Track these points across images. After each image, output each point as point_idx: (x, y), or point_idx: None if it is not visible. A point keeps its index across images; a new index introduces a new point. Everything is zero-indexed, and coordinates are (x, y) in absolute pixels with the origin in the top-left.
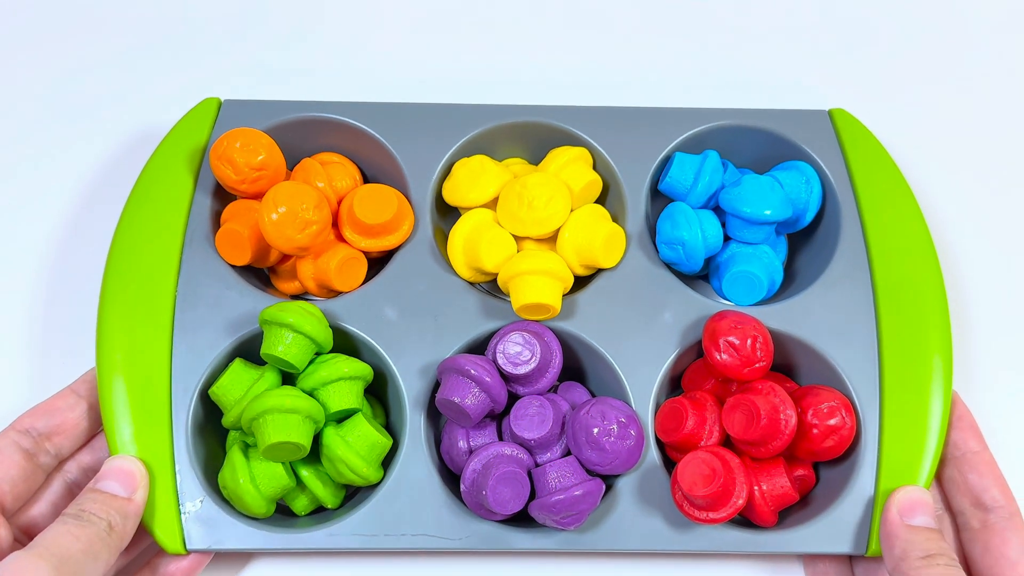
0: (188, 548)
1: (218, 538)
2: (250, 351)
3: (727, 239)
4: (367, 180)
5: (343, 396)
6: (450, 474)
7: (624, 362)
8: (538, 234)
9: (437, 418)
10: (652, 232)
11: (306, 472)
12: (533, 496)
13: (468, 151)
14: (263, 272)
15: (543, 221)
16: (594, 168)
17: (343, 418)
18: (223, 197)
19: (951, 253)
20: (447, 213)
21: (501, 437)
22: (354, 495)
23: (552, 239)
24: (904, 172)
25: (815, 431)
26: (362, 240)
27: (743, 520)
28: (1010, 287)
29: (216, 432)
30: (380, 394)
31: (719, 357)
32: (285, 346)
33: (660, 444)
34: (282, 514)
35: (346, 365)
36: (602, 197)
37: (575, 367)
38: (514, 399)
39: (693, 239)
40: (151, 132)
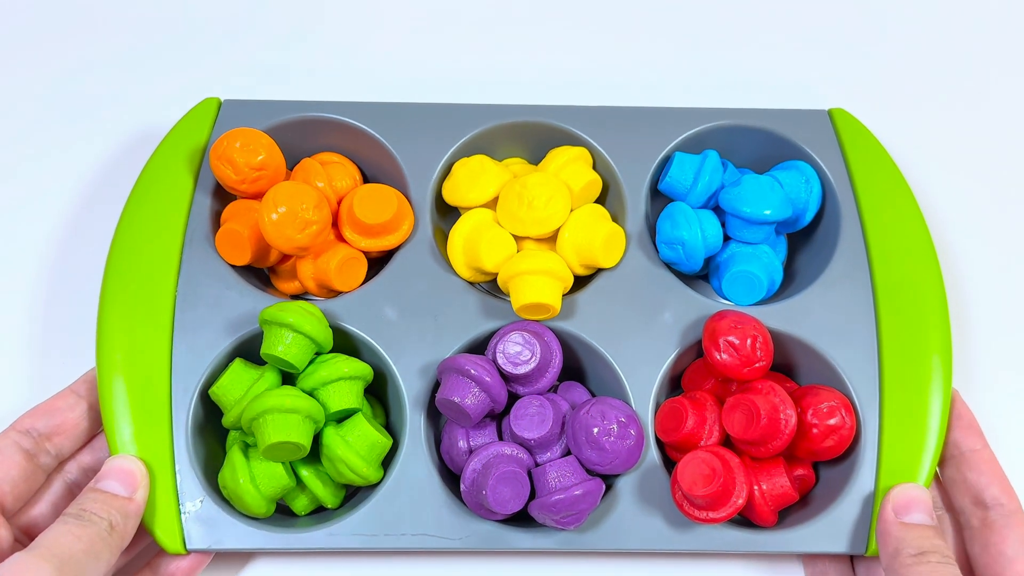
0: (188, 548)
1: (218, 538)
2: (250, 351)
3: (727, 239)
4: (367, 180)
5: (343, 396)
6: (450, 474)
7: (624, 362)
8: (538, 234)
9: (437, 418)
10: (652, 232)
11: (306, 472)
12: (533, 496)
13: (468, 151)
14: (263, 272)
15: (543, 221)
16: (594, 168)
17: (343, 418)
18: (223, 197)
19: (951, 253)
20: (447, 213)
21: (501, 437)
22: (354, 495)
23: (552, 239)
24: (904, 172)
25: (815, 431)
26: (362, 240)
27: (743, 520)
28: (1010, 286)
29: (216, 432)
30: (380, 394)
31: (719, 357)
32: (285, 346)
33: (660, 444)
34: (282, 514)
35: (346, 365)
36: (602, 197)
37: (575, 367)
38: (514, 399)
39: (693, 239)
40: (151, 132)
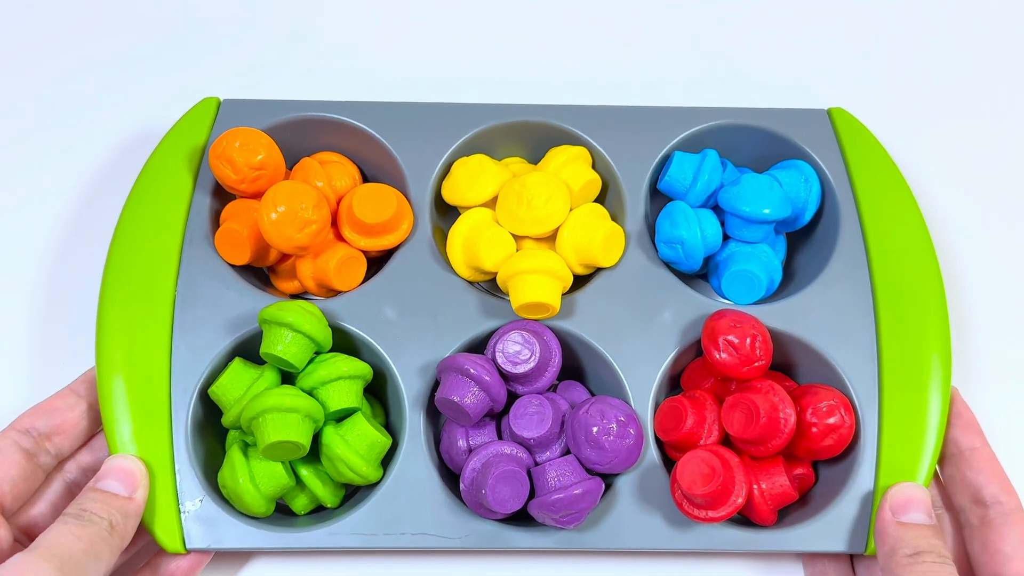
0: (188, 547)
1: (218, 537)
2: (250, 350)
3: (726, 238)
4: (366, 179)
5: (342, 395)
6: (449, 473)
7: (623, 361)
8: (537, 233)
9: (436, 417)
10: (651, 231)
11: (305, 471)
12: (532, 495)
13: (467, 150)
14: (262, 271)
15: (542, 220)
16: (593, 167)
17: (342, 417)
18: (222, 196)
19: (950, 252)
20: (446, 212)
21: (500, 436)
22: (353, 494)
23: (551, 238)
24: (903, 171)
25: (814, 430)
26: (361, 239)
27: (742, 519)
28: (1009, 286)
29: (216, 431)
30: (379, 393)
31: (718, 356)
32: (284, 345)
33: (659, 443)
34: (282, 513)
35: (345, 364)
36: (601, 196)
37: (574, 366)
38: (513, 398)
39: (692, 238)
40: (150, 131)
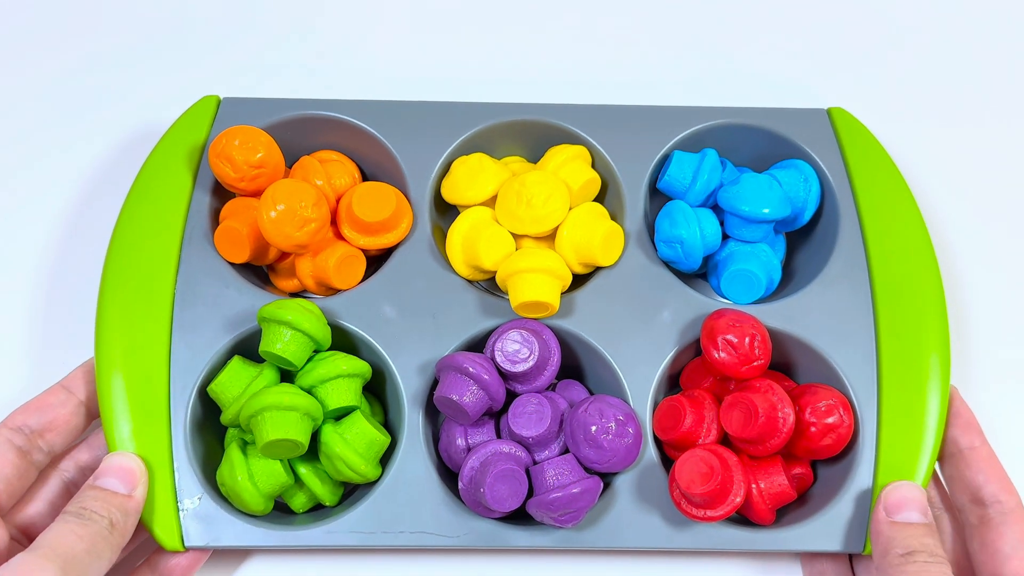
0: (186, 545)
1: (216, 535)
2: (249, 348)
3: (725, 237)
4: (366, 178)
5: (341, 393)
6: (448, 472)
7: (622, 360)
8: (536, 232)
9: (435, 416)
10: (651, 230)
11: (304, 469)
12: (531, 494)
13: (467, 149)
14: (262, 270)
15: (541, 219)
16: (593, 166)
17: (341, 415)
18: (222, 195)
19: (949, 252)
20: (446, 211)
21: (499, 435)
22: (352, 493)
23: (550, 237)
24: (902, 171)
25: (813, 429)
26: (361, 238)
27: (741, 518)
28: (1008, 285)
29: (215, 429)
30: (378, 392)
31: (717, 355)
32: (284, 343)
33: (658, 442)
34: (280, 511)
35: (344, 363)
36: (601, 195)
37: (573, 365)
38: (512, 397)
39: (691, 237)
40: (150, 130)
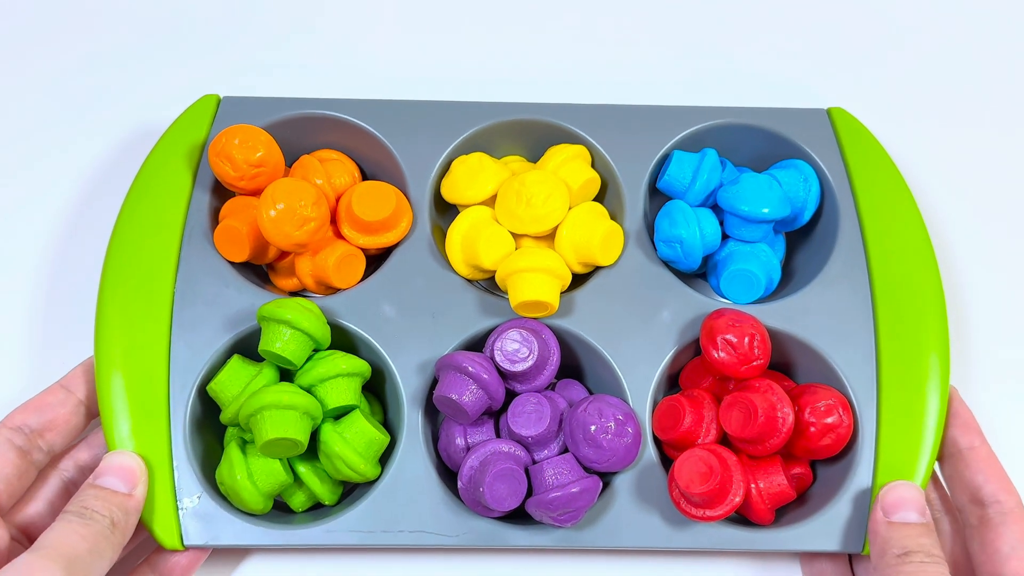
0: (185, 544)
1: (215, 534)
2: (248, 347)
3: (725, 237)
4: (366, 177)
5: (341, 392)
6: (447, 471)
7: (622, 360)
8: (536, 231)
9: (435, 415)
10: (650, 230)
11: (304, 468)
12: (530, 493)
13: (467, 148)
14: (261, 269)
15: (541, 219)
16: (592, 166)
17: (341, 414)
18: (222, 194)
19: (948, 252)
20: (445, 210)
21: (499, 434)
22: (351, 492)
23: (550, 236)
24: (902, 171)
25: (812, 429)
26: (360, 237)
27: (740, 518)
28: (1008, 285)
29: (214, 428)
30: (378, 391)
31: (717, 355)
32: (283, 342)
33: (657, 442)
34: (279, 510)
35: (344, 362)
36: (600, 195)
37: (573, 365)
38: (512, 396)
39: (691, 237)
40: (150, 129)
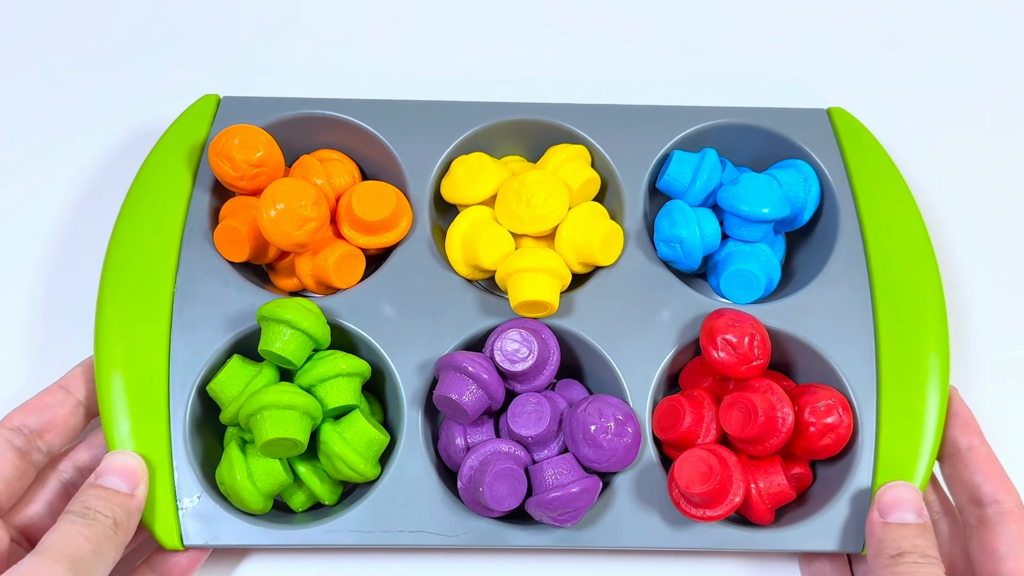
0: (186, 544)
1: (215, 534)
2: (248, 347)
3: (725, 237)
4: (366, 177)
5: (341, 392)
6: (447, 471)
7: (622, 360)
8: (536, 231)
9: (435, 415)
10: (650, 230)
11: (303, 468)
12: (530, 493)
13: (467, 148)
14: (261, 269)
15: (541, 218)
16: (592, 166)
17: (341, 414)
18: (222, 194)
19: (949, 252)
20: (445, 210)
21: (498, 434)
22: (351, 492)
23: (550, 236)
24: (902, 171)
25: (812, 429)
26: (360, 237)
27: (739, 518)
28: (1008, 285)
29: (214, 428)
30: (378, 391)
31: (716, 355)
32: (283, 342)
33: (657, 442)
34: (279, 510)
35: (344, 362)
36: (600, 195)
37: (573, 365)
38: (512, 396)
39: (691, 237)
40: (150, 129)
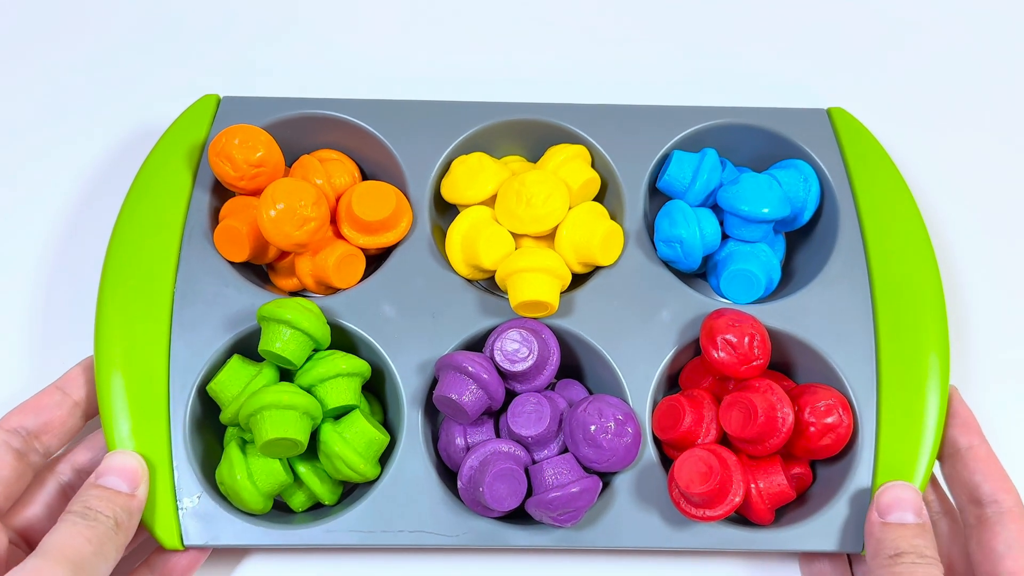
0: (186, 544)
1: (215, 534)
2: (248, 347)
3: (725, 237)
4: (366, 177)
5: (341, 392)
6: (447, 471)
7: (622, 360)
8: (536, 231)
9: (435, 415)
10: (650, 230)
11: (303, 468)
12: (530, 493)
13: (467, 148)
14: (261, 269)
15: (541, 218)
16: (592, 166)
17: (341, 414)
18: (222, 193)
19: (949, 252)
20: (445, 210)
21: (498, 434)
22: (351, 492)
23: (550, 236)
24: (902, 171)
25: (812, 429)
26: (360, 237)
27: (739, 518)
28: (1008, 285)
29: (214, 428)
30: (378, 391)
31: (716, 355)
32: (283, 342)
33: (657, 442)
34: (279, 510)
35: (344, 361)
36: (600, 195)
37: (573, 365)
38: (512, 396)
39: (691, 237)
40: (150, 128)
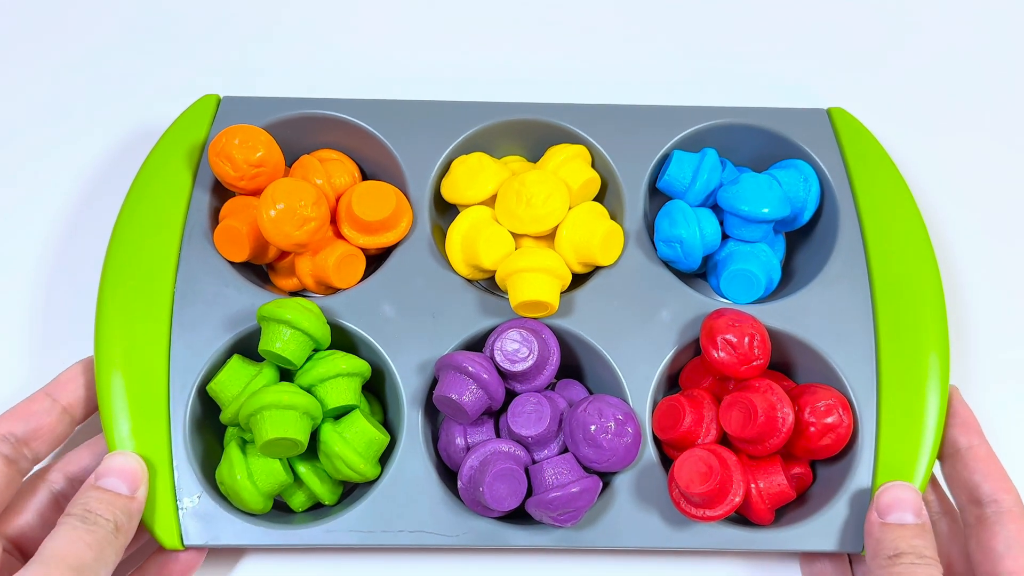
0: (186, 544)
1: (215, 534)
2: (248, 347)
3: (725, 237)
4: (366, 177)
5: (341, 392)
6: (447, 471)
7: (622, 360)
8: (536, 231)
9: (435, 415)
10: (650, 230)
11: (303, 468)
12: (530, 493)
13: (467, 148)
14: (261, 269)
15: (541, 218)
16: (592, 166)
17: (341, 414)
18: (222, 193)
19: (949, 252)
20: (445, 210)
21: (499, 434)
22: (351, 492)
23: (550, 236)
24: (902, 171)
25: (812, 429)
26: (360, 237)
27: (740, 518)
28: (1008, 285)
29: (214, 428)
30: (378, 391)
31: (716, 355)
32: (283, 342)
33: (657, 442)
34: (279, 510)
35: (344, 361)
36: (600, 195)
37: (573, 365)
38: (512, 396)
39: (691, 237)
40: (150, 128)
